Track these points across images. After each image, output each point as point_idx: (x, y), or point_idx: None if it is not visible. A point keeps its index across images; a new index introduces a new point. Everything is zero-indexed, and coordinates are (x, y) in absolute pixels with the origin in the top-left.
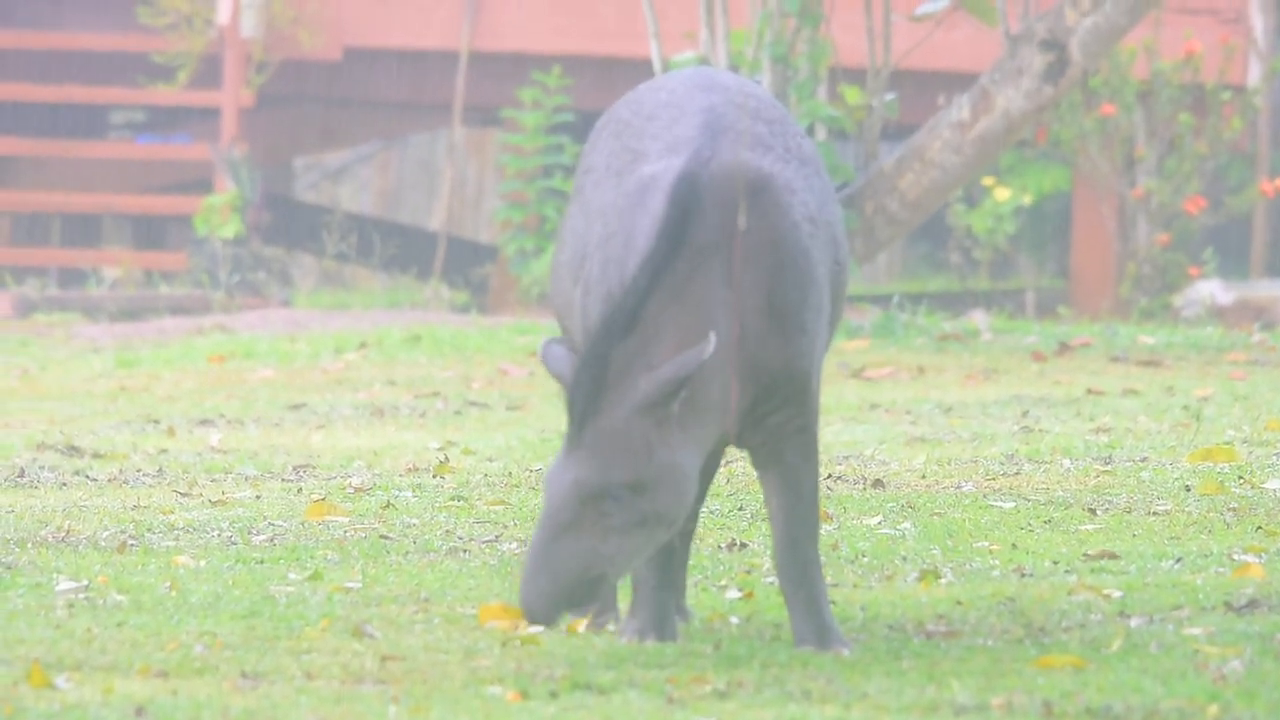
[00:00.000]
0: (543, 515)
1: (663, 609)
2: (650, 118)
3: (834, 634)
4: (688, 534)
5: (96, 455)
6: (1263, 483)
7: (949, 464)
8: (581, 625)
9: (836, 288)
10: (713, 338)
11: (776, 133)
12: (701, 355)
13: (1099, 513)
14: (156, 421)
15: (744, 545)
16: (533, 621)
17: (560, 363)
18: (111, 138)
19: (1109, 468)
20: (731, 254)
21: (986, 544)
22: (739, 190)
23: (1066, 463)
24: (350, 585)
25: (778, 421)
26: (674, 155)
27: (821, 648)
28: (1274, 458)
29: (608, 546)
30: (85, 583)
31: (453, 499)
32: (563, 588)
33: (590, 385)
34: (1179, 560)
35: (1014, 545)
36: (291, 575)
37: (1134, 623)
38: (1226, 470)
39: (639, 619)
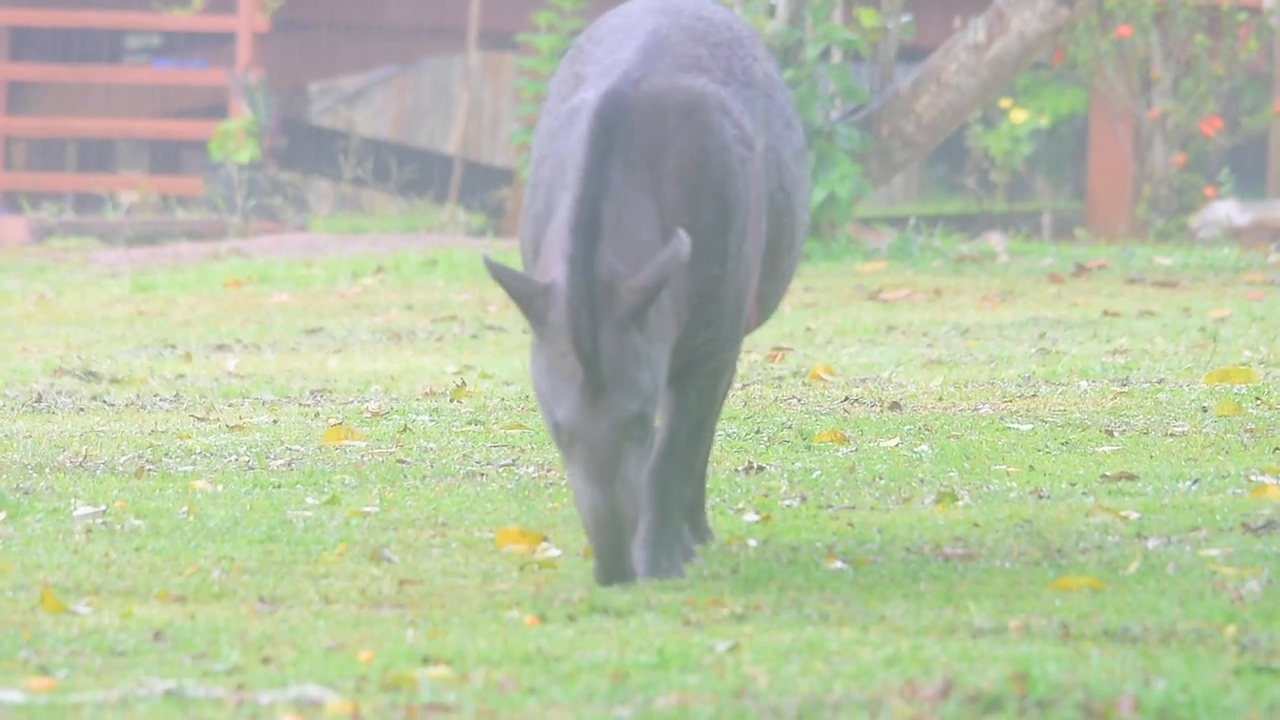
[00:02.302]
0: (595, 471)
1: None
2: (599, 42)
3: (662, 569)
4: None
5: (114, 380)
6: None
7: (966, 386)
8: None
9: (783, 213)
10: (684, 236)
11: (720, 55)
12: (678, 255)
13: (1116, 434)
14: (173, 346)
15: (761, 469)
16: (615, 584)
17: (517, 280)
18: (127, 63)
19: (1126, 389)
20: (661, 172)
21: (1004, 466)
22: (670, 109)
23: (1083, 384)
24: (368, 509)
25: (700, 343)
26: (607, 79)
27: (645, 578)
28: None
29: (639, 473)
30: (103, 508)
31: (470, 423)
32: (630, 536)
33: (590, 318)
34: (1196, 481)
35: (1031, 467)
36: (309, 500)
37: (1151, 544)
38: (1243, 391)
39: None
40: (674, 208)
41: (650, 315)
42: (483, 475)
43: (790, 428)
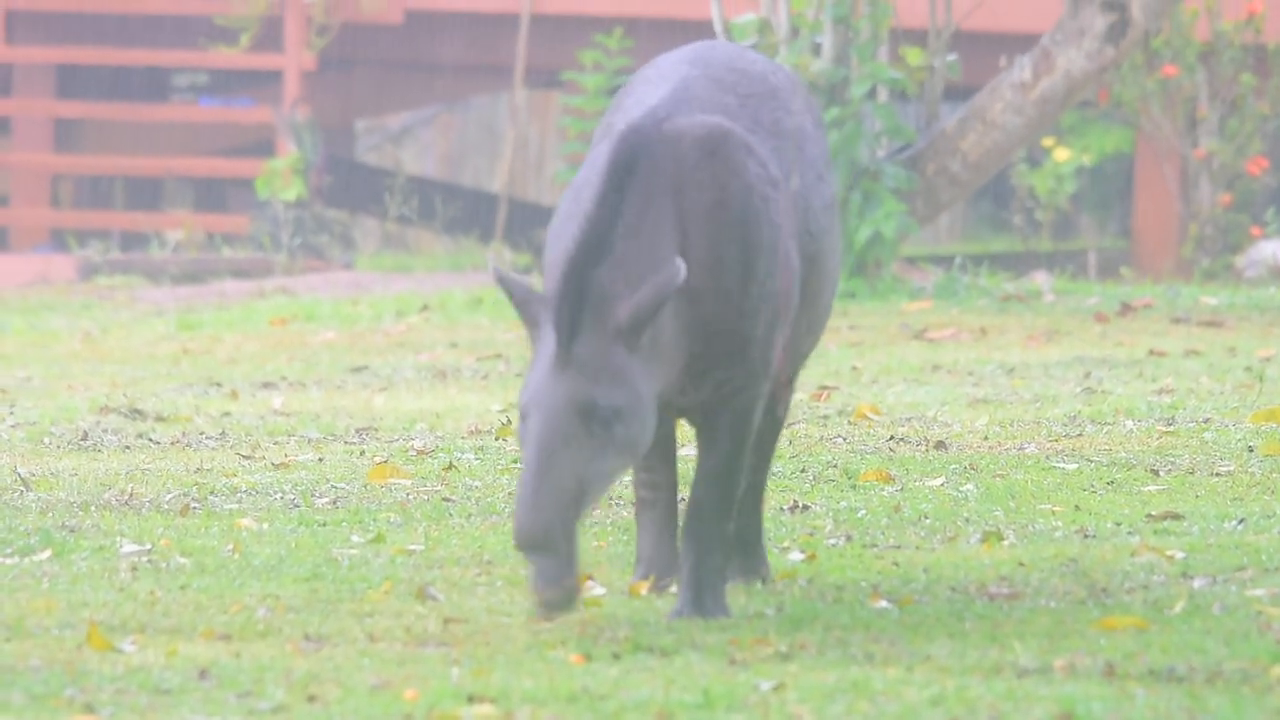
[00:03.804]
0: (537, 432)
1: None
2: (631, 93)
3: (707, 609)
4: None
5: (159, 418)
6: None
7: (1011, 425)
8: (644, 589)
9: (810, 261)
10: (681, 264)
11: (749, 106)
12: (675, 279)
13: (1162, 474)
14: (219, 384)
15: (806, 507)
16: (527, 545)
17: (521, 286)
18: (174, 101)
19: (1171, 429)
20: (684, 205)
21: (1049, 505)
22: (692, 142)
23: (1129, 424)
24: (413, 548)
25: (718, 381)
26: (631, 118)
27: (690, 617)
28: None
29: (591, 468)
30: (148, 546)
31: (515, 461)
32: (559, 511)
33: (575, 303)
34: (1242, 521)
35: (1077, 507)
36: (354, 538)
37: (1197, 584)
38: None
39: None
40: (696, 242)
41: (644, 343)
42: None
43: (835, 466)
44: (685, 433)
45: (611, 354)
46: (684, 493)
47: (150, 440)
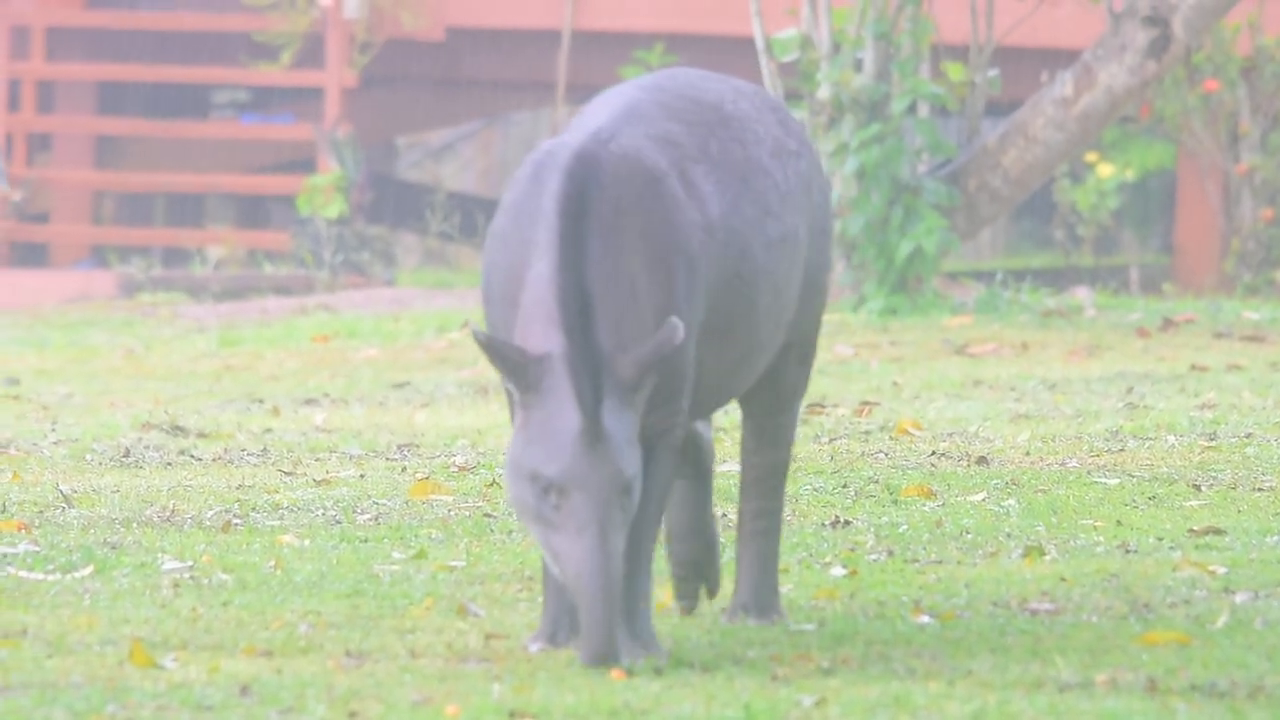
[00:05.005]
0: (588, 519)
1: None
2: (582, 114)
3: (634, 643)
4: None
5: (201, 435)
6: None
7: (1053, 440)
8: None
9: (737, 299)
10: (679, 324)
11: (696, 134)
12: (675, 338)
13: (1204, 489)
14: (261, 401)
15: (848, 523)
16: (601, 664)
17: (514, 350)
18: (215, 118)
19: (1214, 444)
20: (626, 236)
21: (1091, 520)
22: (636, 173)
23: (1171, 439)
24: (454, 564)
25: (657, 418)
26: (576, 137)
27: (631, 656)
28: None
29: (620, 543)
30: (190, 562)
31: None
32: (618, 615)
33: (594, 374)
34: None
35: (1119, 522)
36: (395, 554)
37: (1239, 598)
38: None
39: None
40: (634, 273)
41: (637, 399)
42: None
43: (877, 482)
44: (724, 449)
45: (625, 418)
46: (725, 508)
47: (192, 457)
